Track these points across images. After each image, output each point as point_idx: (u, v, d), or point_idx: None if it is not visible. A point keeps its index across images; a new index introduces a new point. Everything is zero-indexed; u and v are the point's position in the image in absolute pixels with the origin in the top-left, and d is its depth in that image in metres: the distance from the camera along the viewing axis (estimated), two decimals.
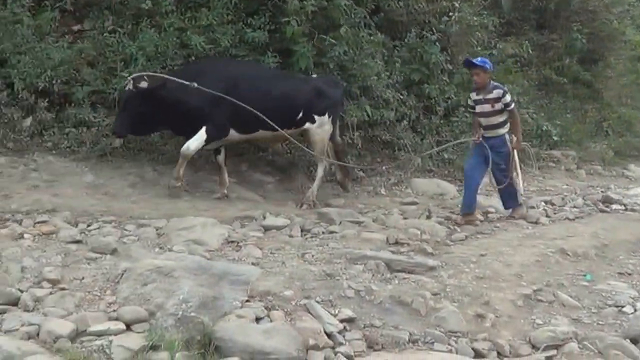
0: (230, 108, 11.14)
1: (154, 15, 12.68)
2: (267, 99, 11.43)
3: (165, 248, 9.15)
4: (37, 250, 8.61)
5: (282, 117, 11.57)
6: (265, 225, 10.55)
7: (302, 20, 12.80)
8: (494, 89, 11.46)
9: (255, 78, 11.71)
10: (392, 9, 15.00)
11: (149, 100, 10.87)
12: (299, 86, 12.05)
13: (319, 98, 12.07)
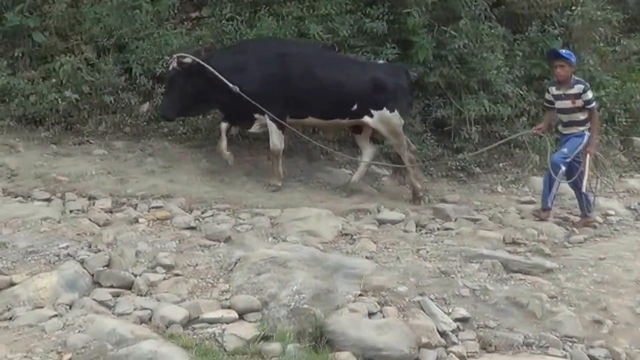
0: (287, 92, 10.93)
1: (272, 3, 12.59)
2: (319, 85, 11.06)
3: (279, 238, 9.14)
4: (151, 235, 8.70)
5: (335, 106, 11.21)
6: (380, 218, 10.46)
7: (422, 11, 12.62)
8: (576, 84, 10.93)
9: (309, 62, 11.28)
10: (514, 2, 14.67)
11: (195, 78, 10.66)
12: (355, 76, 11.44)
13: (376, 90, 11.37)
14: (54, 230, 8.42)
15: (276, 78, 10.89)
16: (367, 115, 11.34)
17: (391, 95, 11.46)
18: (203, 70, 10.56)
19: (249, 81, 10.71)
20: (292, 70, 11.02)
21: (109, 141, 11.22)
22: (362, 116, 11.35)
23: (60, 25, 11.57)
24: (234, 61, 10.89)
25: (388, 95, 11.42)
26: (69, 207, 9.25)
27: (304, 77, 11.01)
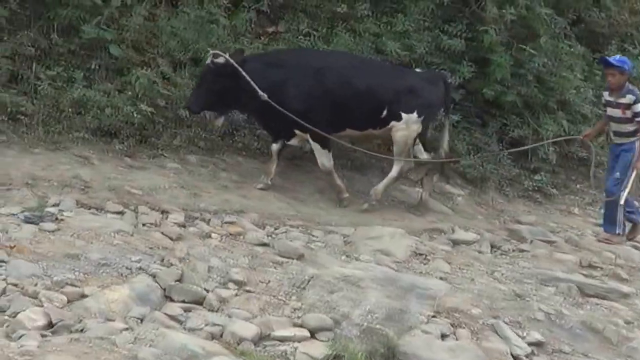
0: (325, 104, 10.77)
1: (349, 19, 12.57)
2: (355, 95, 10.85)
3: (352, 256, 9.09)
4: (224, 251, 8.67)
5: (367, 115, 10.99)
6: (454, 239, 10.40)
7: (500, 29, 12.51)
8: (628, 93, 10.61)
9: (342, 69, 11.04)
10: (594, 20, 14.54)
11: (226, 79, 10.51)
12: (387, 81, 11.18)
13: (409, 95, 11.08)
14: (127, 243, 8.40)
15: (316, 93, 10.79)
16: (395, 120, 11.06)
17: (424, 101, 11.19)
18: (235, 72, 10.47)
19: (290, 99, 10.63)
20: (331, 82, 10.85)
21: (183, 155, 11.20)
22: (390, 122, 11.07)
23: (137, 38, 11.60)
24: (273, 73, 10.76)
25: (421, 101, 11.13)
26: (142, 220, 9.21)
27: (341, 88, 10.85)
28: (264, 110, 10.69)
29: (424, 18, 12.56)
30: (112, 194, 9.79)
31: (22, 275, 7.33)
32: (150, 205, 9.63)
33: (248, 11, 12.21)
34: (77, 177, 10.06)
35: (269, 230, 9.65)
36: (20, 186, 9.64)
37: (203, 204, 10.06)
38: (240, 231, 9.33)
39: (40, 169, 10.16)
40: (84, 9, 11.30)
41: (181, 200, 10.03)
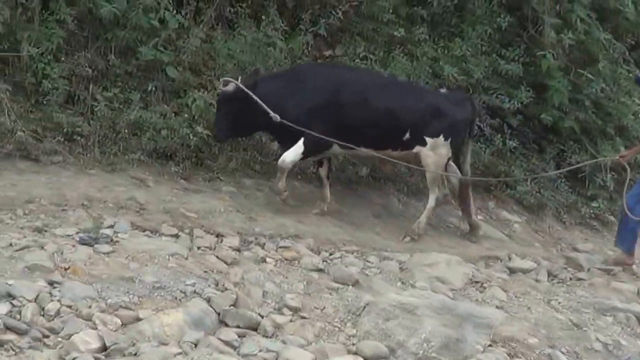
0: (333, 119, 10.50)
1: (406, 43, 12.58)
2: (369, 113, 10.59)
3: (407, 283, 9.05)
4: (279, 276, 8.63)
5: (386, 136, 10.71)
6: (511, 266, 10.33)
7: (558, 54, 12.41)
8: None
9: (362, 88, 10.77)
10: None
11: (241, 103, 10.36)
12: (410, 102, 10.86)
13: (434, 118, 10.80)
14: (181, 267, 8.37)
15: (328, 107, 10.57)
16: (420, 144, 10.82)
17: (449, 123, 10.90)
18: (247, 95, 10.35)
19: (297, 109, 10.45)
20: (343, 98, 10.63)
21: (239, 178, 11.21)
22: (414, 146, 10.83)
23: (194, 60, 11.67)
24: (283, 88, 10.63)
25: (446, 124, 10.87)
26: (197, 243, 9.20)
27: (357, 107, 10.60)
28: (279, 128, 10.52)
29: (481, 42, 12.53)
30: (168, 216, 9.81)
31: (76, 297, 7.32)
32: (205, 229, 9.61)
33: (305, 34, 12.24)
34: (132, 199, 10.10)
35: (324, 255, 9.57)
36: (76, 207, 9.69)
37: (258, 228, 10.02)
38: (296, 256, 9.27)
39: (95, 190, 10.22)
40: (141, 30, 11.39)
41: (236, 223, 10.01)
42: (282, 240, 9.74)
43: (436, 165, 10.87)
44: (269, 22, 11.98)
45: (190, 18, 11.89)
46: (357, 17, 13.05)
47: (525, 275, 10.08)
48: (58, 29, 11.18)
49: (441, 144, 10.83)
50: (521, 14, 12.89)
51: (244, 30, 11.98)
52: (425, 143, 10.76)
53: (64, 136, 10.89)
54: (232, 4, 12.29)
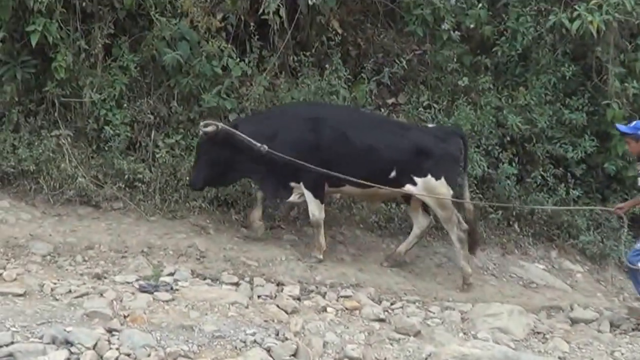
0: (315, 157, 10.25)
1: (470, 92, 12.57)
2: (353, 151, 10.38)
3: (469, 334, 8.99)
4: (340, 326, 8.58)
5: (371, 173, 10.37)
6: (573, 317, 10.18)
7: (623, 103, 12.29)
8: None
9: (344, 126, 10.56)
10: None
11: (222, 146, 10.26)
12: (392, 140, 10.60)
13: (419, 156, 10.53)
14: (242, 316, 8.38)
15: (307, 144, 10.40)
16: (410, 184, 10.55)
17: (437, 161, 10.63)
18: (230, 137, 10.22)
19: (280, 148, 10.24)
20: (324, 135, 10.47)
21: (300, 227, 11.23)
22: (404, 185, 10.56)
23: (257, 107, 11.67)
24: (264, 126, 10.51)
25: (433, 161, 10.60)
26: (257, 292, 9.22)
27: (336, 143, 10.42)
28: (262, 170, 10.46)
29: (545, 91, 12.42)
30: (228, 264, 9.85)
31: (135, 345, 7.35)
32: (266, 277, 9.65)
33: (368, 82, 12.25)
34: (192, 246, 10.15)
35: (386, 305, 9.52)
36: (136, 254, 9.80)
37: (319, 276, 10.03)
38: (357, 306, 9.24)
39: (156, 237, 10.30)
40: (204, 78, 11.47)
41: (297, 272, 10.02)
42: (343, 289, 9.73)
43: (440, 206, 10.63)
44: (332, 70, 12.00)
45: (254, 66, 11.93)
46: (421, 65, 13.11)
47: (587, 326, 9.95)
48: (121, 75, 11.31)
49: (436, 184, 10.60)
50: (585, 63, 12.80)
51: (307, 78, 12.00)
52: (415, 183, 10.57)
53: (124, 183, 10.96)
54: (296, 52, 12.35)
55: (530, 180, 12.27)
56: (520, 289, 10.97)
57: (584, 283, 11.83)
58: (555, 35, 12.58)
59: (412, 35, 13.03)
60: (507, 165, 12.03)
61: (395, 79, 12.74)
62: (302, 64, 12.15)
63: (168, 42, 11.48)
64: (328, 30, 12.40)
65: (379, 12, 13.47)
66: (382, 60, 12.93)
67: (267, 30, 12.12)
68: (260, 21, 12.03)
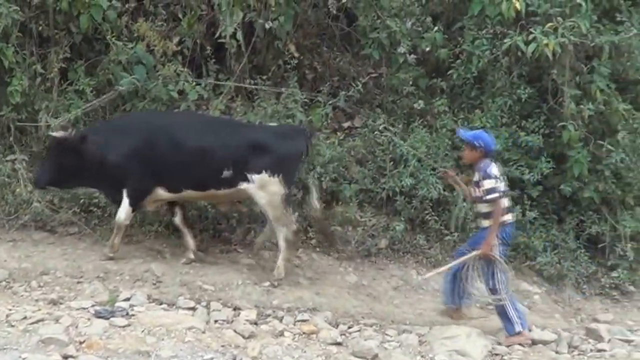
0: (151, 163, 10.33)
1: (425, 115, 12.63)
2: (185, 153, 10.40)
3: (427, 357, 9.00)
4: (297, 350, 8.60)
5: (206, 175, 10.47)
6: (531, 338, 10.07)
7: (578, 125, 12.39)
8: (479, 170, 9.87)
9: (179, 129, 10.59)
10: None
11: (68, 152, 10.23)
12: (224, 140, 10.55)
13: (256, 153, 10.47)
14: (198, 341, 8.37)
15: (142, 151, 10.39)
16: (245, 182, 10.51)
17: (275, 158, 10.55)
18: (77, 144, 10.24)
19: (117, 156, 10.33)
20: (156, 141, 10.44)
21: (257, 251, 11.18)
22: (239, 183, 10.52)
23: None
24: (107, 135, 10.52)
25: (271, 159, 10.53)
26: (214, 317, 9.21)
27: (170, 148, 10.41)
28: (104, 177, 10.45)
29: (501, 114, 12.51)
30: (184, 289, 9.83)
31: None
32: (222, 302, 9.64)
33: (324, 106, 12.28)
34: (148, 271, 10.15)
35: (343, 329, 9.52)
36: (92, 279, 9.79)
37: (276, 301, 10.00)
38: (314, 330, 9.23)
39: (112, 262, 10.29)
40: (160, 101, 11.51)
41: (254, 297, 10.01)
42: (300, 313, 9.72)
43: (271, 204, 10.58)
44: (288, 94, 12.04)
45: (210, 89, 11.97)
46: (377, 88, 13.18)
47: (545, 347, 9.93)
48: (77, 100, 11.27)
49: (270, 182, 10.56)
50: (541, 85, 12.90)
51: (263, 102, 12.03)
52: (250, 180, 10.54)
53: (80, 207, 10.96)
54: (252, 76, 12.36)
55: None
56: (477, 311, 10.93)
57: (542, 304, 11.84)
58: (511, 58, 12.68)
59: (368, 59, 13.14)
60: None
61: (352, 102, 12.79)
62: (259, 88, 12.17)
63: (124, 66, 11.54)
64: (284, 54, 12.46)
65: (336, 35, 13.58)
66: (339, 83, 13.01)
67: (224, 54, 12.21)
68: (216, 45, 12.10)
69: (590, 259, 12.50)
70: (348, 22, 13.79)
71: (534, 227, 12.39)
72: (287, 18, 12.26)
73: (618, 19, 13.01)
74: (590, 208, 12.77)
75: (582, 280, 12.37)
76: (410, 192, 11.85)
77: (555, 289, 12.06)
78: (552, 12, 12.33)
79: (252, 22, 12.28)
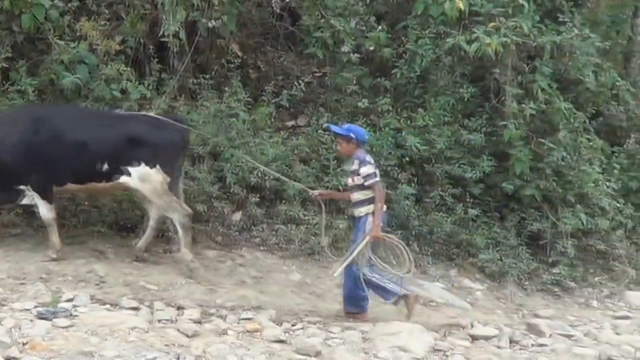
0: (34, 157, 10.24)
1: (369, 113, 12.72)
2: (63, 148, 10.27)
3: (370, 353, 8.89)
4: (241, 348, 8.51)
5: (83, 168, 10.38)
6: (473, 334, 10.16)
7: (520, 124, 12.53)
8: (355, 159, 9.92)
9: (61, 125, 10.44)
10: (613, 114, 14.65)
11: None
12: (101, 133, 10.46)
13: (131, 146, 10.44)
14: (142, 340, 8.29)
15: (26, 145, 10.28)
16: (124, 175, 10.48)
17: (152, 149, 10.55)
18: None
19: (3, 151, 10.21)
20: (41, 135, 10.33)
21: (200, 250, 11.17)
22: (118, 176, 10.49)
23: None
24: None
25: (147, 150, 10.53)
26: (157, 316, 9.12)
27: (52, 142, 10.29)
28: None
29: (444, 113, 12.63)
30: (128, 289, 9.78)
31: None
32: (166, 301, 9.57)
33: (268, 105, 12.32)
34: (92, 271, 10.08)
35: (287, 326, 9.47)
36: (35, 280, 9.66)
37: (220, 300, 9.99)
38: (257, 328, 9.16)
39: (55, 263, 10.20)
40: (103, 101, 11.43)
41: (197, 296, 9.98)
42: (244, 311, 9.68)
43: (156, 194, 10.58)
44: (232, 93, 12.08)
45: (153, 89, 11.94)
46: (321, 87, 13.26)
47: (487, 343, 9.95)
48: (18, 99, 11.18)
49: (149, 173, 10.55)
50: (484, 84, 13.09)
51: (206, 101, 12.05)
52: (128, 173, 10.52)
53: (21, 208, 10.81)
54: (195, 75, 12.37)
55: (429, 200, 12.44)
56: (420, 308, 10.96)
57: (484, 301, 11.95)
58: (454, 58, 12.84)
59: (312, 58, 13.20)
60: (405, 185, 12.19)
61: (295, 102, 12.86)
62: (202, 87, 12.19)
63: (67, 65, 11.47)
64: (228, 53, 12.46)
65: (279, 35, 13.60)
66: (282, 82, 13.04)
67: (167, 53, 12.20)
68: (159, 44, 12.08)
69: (532, 255, 12.65)
70: (292, 21, 13.89)
71: (476, 225, 12.53)
72: (231, 17, 12.30)
73: (560, 19, 13.27)
74: (531, 205, 12.94)
75: (524, 276, 12.53)
76: None
77: (497, 286, 12.19)
78: (495, 12, 12.50)
79: (195, 21, 12.28)
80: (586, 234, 13.29)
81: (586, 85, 13.69)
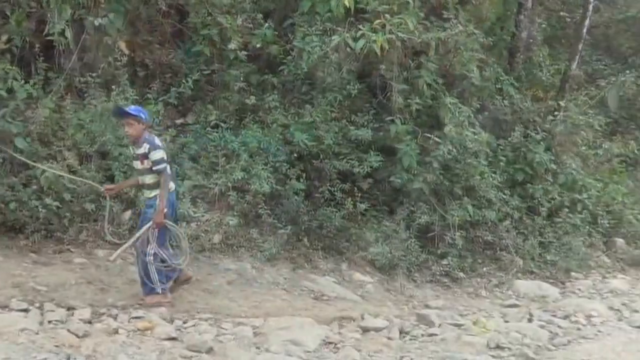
0: None
1: (257, 110, 12.78)
2: None
3: (262, 348, 9.02)
4: (132, 347, 8.54)
5: None
6: (364, 326, 10.36)
7: (406, 119, 12.71)
8: (144, 142, 9.96)
9: None
10: (497, 108, 14.93)
11: None
12: None
13: None
14: (32, 342, 8.24)
15: None
16: None
17: None
18: None
19: None
20: None
21: (90, 249, 11.12)
22: None
23: (43, 131, 11.54)
24: None
25: None
26: (48, 317, 9.05)
27: None
28: None
29: (331, 109, 12.75)
30: (17, 290, 9.65)
31: None
32: (56, 302, 9.49)
33: (156, 103, 12.27)
34: None
35: (178, 324, 9.49)
36: None
37: (111, 299, 9.92)
38: (148, 326, 9.16)
39: None
40: None
41: (88, 296, 9.90)
42: (135, 310, 9.64)
43: None
44: (119, 91, 11.99)
45: (40, 88, 11.78)
46: (209, 85, 13.22)
47: (378, 334, 10.13)
48: None
49: None
50: (370, 81, 13.22)
51: (94, 99, 11.95)
52: None
53: None
54: (82, 74, 12.25)
55: (319, 195, 12.56)
56: (312, 302, 11.10)
57: (375, 293, 12.09)
58: (341, 54, 12.89)
59: (200, 55, 13.17)
60: (295, 181, 12.31)
61: (184, 99, 12.84)
62: (89, 85, 12.08)
63: None
64: (115, 51, 12.39)
65: (167, 32, 13.55)
66: (171, 80, 13.02)
67: (53, 52, 12.05)
68: (46, 42, 11.92)
69: (421, 248, 12.83)
70: (180, 18, 13.85)
71: (365, 219, 12.69)
72: (118, 15, 12.25)
73: (445, 16, 13.44)
74: (420, 199, 13.10)
75: (414, 268, 12.71)
76: (243, 186, 11.99)
77: (387, 278, 12.36)
78: (381, 10, 12.64)
79: (82, 19, 12.19)
80: (474, 226, 13.55)
81: (471, 80, 13.92)
